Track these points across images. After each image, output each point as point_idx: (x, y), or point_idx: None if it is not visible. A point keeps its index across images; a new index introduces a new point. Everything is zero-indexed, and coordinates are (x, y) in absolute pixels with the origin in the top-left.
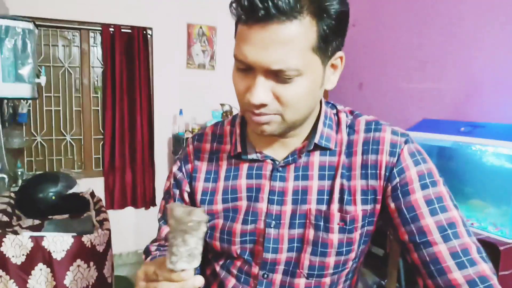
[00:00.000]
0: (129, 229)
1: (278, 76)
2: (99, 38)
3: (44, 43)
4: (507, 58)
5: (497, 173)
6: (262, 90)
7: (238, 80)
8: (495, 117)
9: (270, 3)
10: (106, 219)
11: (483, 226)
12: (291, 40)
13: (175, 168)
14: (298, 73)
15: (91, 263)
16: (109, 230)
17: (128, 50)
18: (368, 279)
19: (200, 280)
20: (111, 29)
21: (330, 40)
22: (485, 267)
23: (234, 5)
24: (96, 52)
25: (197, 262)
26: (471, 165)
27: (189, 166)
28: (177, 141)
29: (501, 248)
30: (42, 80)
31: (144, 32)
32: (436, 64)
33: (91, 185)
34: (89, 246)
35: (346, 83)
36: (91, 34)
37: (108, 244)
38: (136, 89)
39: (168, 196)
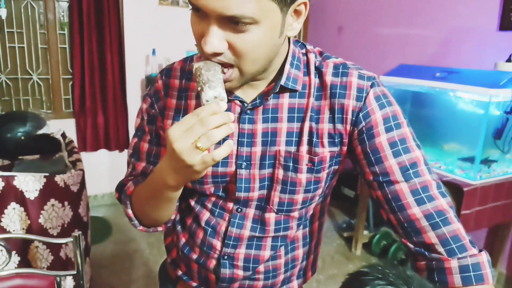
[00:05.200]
0: (103, 171)
1: (232, 24)
2: None
3: None
4: (486, 6)
5: (467, 118)
6: (215, 38)
7: (194, 23)
8: (470, 63)
9: None
10: (79, 160)
11: (450, 169)
12: None
13: (146, 105)
14: (253, 21)
15: (66, 203)
16: (82, 170)
17: None
18: (339, 219)
19: (225, 104)
20: None
21: None
22: (443, 202)
23: None
24: None
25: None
26: (443, 109)
27: (160, 102)
28: (150, 82)
29: (465, 189)
30: (3, 12)
31: None
32: (416, 10)
33: (62, 126)
34: (63, 186)
35: (325, 27)
36: None
37: (82, 184)
38: (106, 27)
39: (141, 132)
